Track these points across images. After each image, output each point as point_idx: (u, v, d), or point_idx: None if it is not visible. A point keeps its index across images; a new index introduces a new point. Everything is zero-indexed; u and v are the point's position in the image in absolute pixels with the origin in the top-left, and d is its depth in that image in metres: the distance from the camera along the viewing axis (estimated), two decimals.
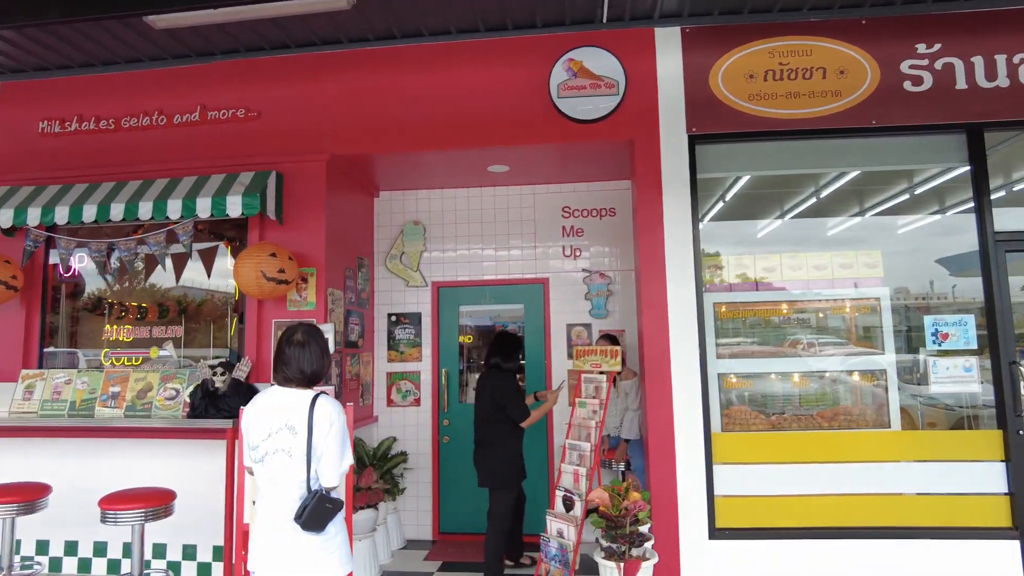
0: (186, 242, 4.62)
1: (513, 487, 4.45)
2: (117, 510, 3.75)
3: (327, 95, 4.89)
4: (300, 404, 2.56)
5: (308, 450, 2.49)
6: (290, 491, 2.52)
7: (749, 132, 4.53)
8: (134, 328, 5.35)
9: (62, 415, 4.74)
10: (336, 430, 2.56)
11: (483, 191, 5.78)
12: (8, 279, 4.81)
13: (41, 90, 5.28)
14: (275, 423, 2.55)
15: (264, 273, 4.39)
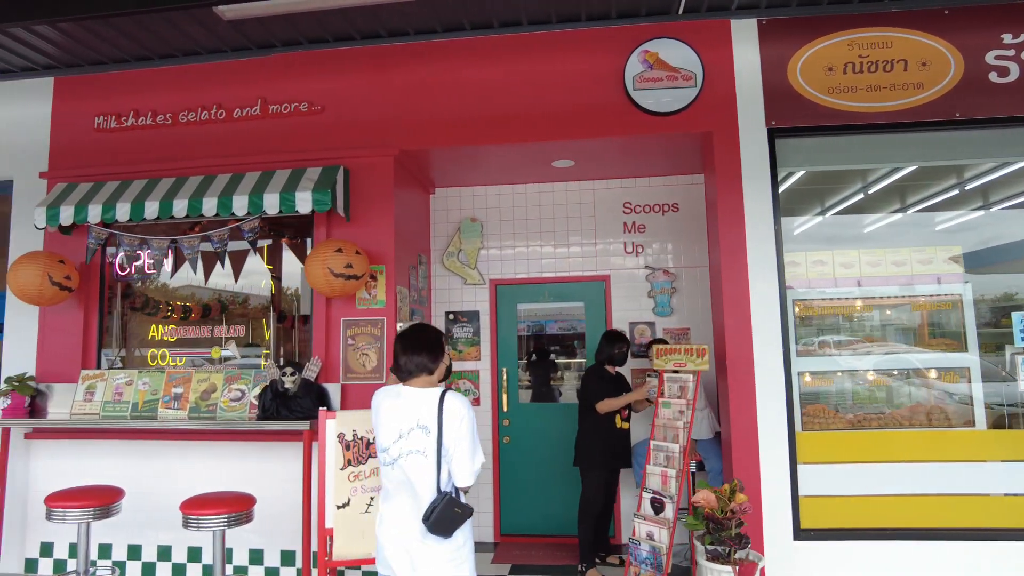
0: (252, 239, 4.50)
1: (596, 469, 4.58)
2: (200, 515, 3.64)
3: (393, 88, 4.78)
4: (429, 402, 2.50)
5: (439, 449, 2.43)
6: (425, 494, 2.45)
7: (829, 126, 4.44)
8: (180, 327, 5.25)
9: (124, 416, 4.63)
10: (466, 426, 2.48)
11: (541, 187, 5.67)
12: (62, 280, 4.69)
13: (96, 84, 5.15)
14: (405, 424, 2.50)
15: (331, 269, 4.28)
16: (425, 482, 2.44)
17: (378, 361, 4.56)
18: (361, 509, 3.84)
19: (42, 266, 4.62)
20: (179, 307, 5.43)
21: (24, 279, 4.60)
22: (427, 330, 2.71)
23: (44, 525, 4.76)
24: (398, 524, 2.52)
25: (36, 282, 4.60)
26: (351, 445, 3.93)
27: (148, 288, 5.36)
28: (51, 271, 4.62)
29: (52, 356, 4.96)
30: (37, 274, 4.60)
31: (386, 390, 2.68)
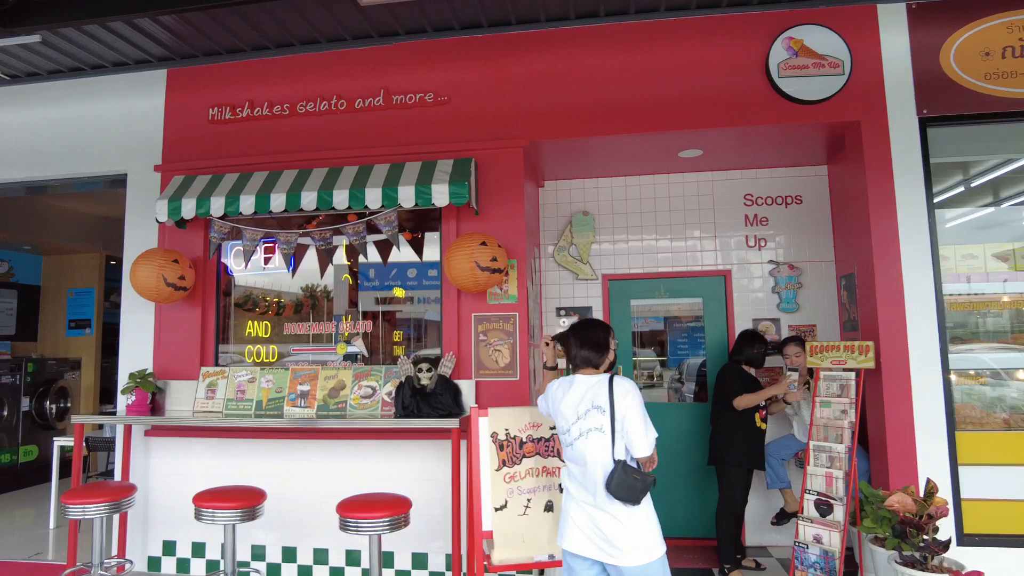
0: (390, 232, 4.38)
1: (734, 468, 4.45)
2: (358, 518, 3.50)
3: (520, 78, 4.64)
4: (600, 384, 2.74)
5: (612, 423, 2.64)
6: (605, 465, 2.63)
7: (986, 114, 4.25)
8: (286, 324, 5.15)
9: (248, 415, 4.53)
10: (635, 401, 2.67)
11: (656, 179, 5.51)
12: (176, 281, 4.58)
13: (210, 76, 5.05)
14: (582, 405, 2.74)
15: (478, 263, 4.15)
16: (603, 455, 2.63)
17: (511, 357, 4.42)
18: (519, 512, 3.70)
19: (157, 267, 4.52)
20: (275, 304, 5.33)
21: (141, 279, 4.52)
22: (598, 327, 2.93)
23: (165, 524, 4.69)
24: (586, 498, 2.69)
25: (152, 283, 4.51)
26: (504, 445, 3.79)
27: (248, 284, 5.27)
28: (165, 272, 4.52)
29: (169, 353, 4.87)
30: (152, 275, 4.51)
31: (559, 381, 2.94)
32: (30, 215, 7.58)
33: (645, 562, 2.55)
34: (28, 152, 5.33)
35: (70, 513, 3.89)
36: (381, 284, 5.17)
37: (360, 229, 4.44)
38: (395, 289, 5.07)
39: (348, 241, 4.49)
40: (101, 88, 5.26)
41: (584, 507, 2.69)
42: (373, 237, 4.81)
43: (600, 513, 2.63)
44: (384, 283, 5.13)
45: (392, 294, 5.07)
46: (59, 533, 5.75)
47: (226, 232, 4.61)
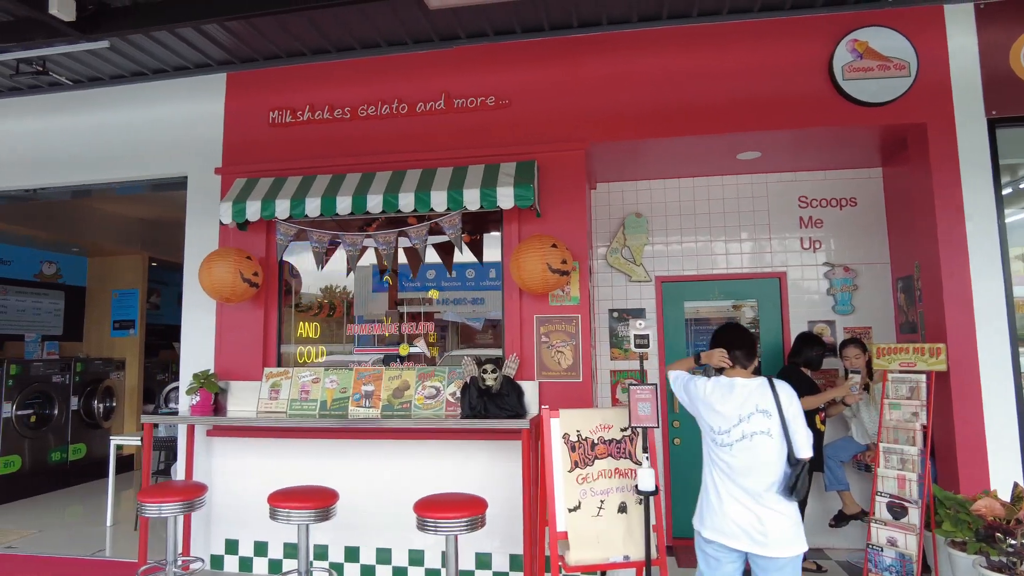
0: (454, 235, 4.41)
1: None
2: (437, 518, 3.53)
3: (583, 81, 4.66)
4: (762, 388, 2.87)
5: (783, 427, 2.77)
6: (771, 467, 2.75)
7: None
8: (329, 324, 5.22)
9: (313, 415, 4.57)
10: (796, 407, 2.83)
11: (710, 180, 5.51)
12: (251, 276, 4.65)
13: (269, 79, 5.11)
14: (745, 409, 2.84)
15: (549, 265, 4.17)
16: (771, 458, 2.75)
17: (574, 359, 4.44)
18: (592, 513, 3.72)
19: (233, 263, 4.58)
20: (325, 305, 5.40)
21: (217, 276, 4.56)
22: (747, 332, 3.12)
23: (227, 522, 4.74)
24: (743, 496, 2.79)
25: (229, 279, 4.56)
26: (576, 446, 3.81)
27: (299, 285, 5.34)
28: (242, 268, 4.59)
29: (230, 354, 4.92)
30: (229, 271, 4.56)
31: (715, 381, 3.01)
32: (76, 218, 7.69)
33: (799, 552, 2.73)
34: (90, 156, 5.41)
35: (146, 511, 3.95)
36: (423, 285, 5.23)
37: (423, 232, 4.48)
38: (431, 291, 5.13)
39: (412, 243, 4.52)
40: (161, 92, 5.34)
41: (743, 503, 2.79)
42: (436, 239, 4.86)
43: (764, 510, 2.74)
44: (425, 284, 5.20)
45: (441, 296, 5.13)
46: (116, 530, 5.83)
47: (292, 234, 4.66)
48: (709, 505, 2.89)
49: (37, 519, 6.21)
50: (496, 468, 4.34)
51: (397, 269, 5.34)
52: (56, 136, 5.53)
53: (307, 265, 5.19)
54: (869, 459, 4.69)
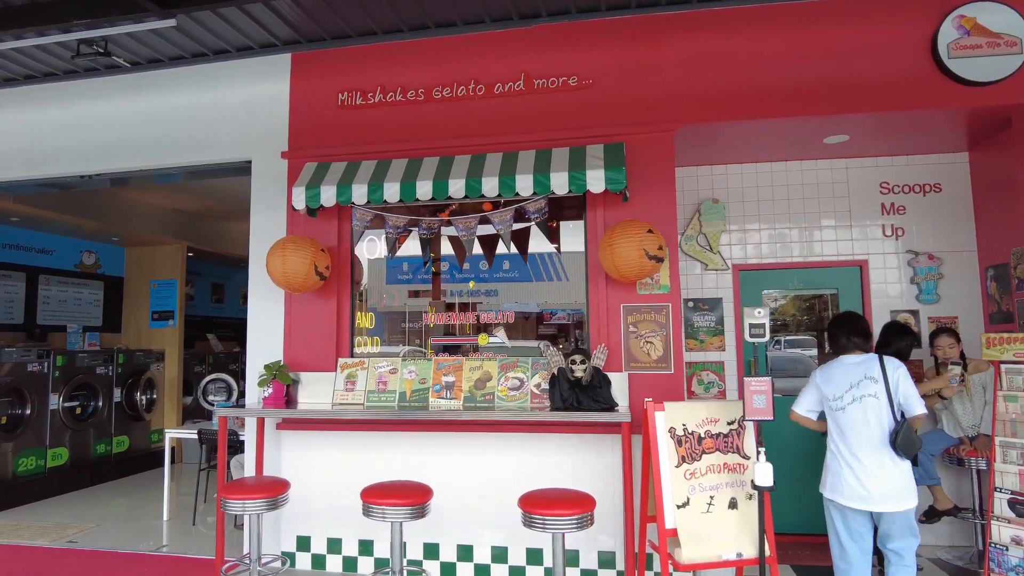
0: (540, 220, 4.24)
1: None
2: (544, 515, 3.38)
3: (670, 61, 4.48)
4: (870, 361, 3.42)
5: (888, 390, 3.29)
6: (881, 424, 3.27)
7: None
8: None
9: (392, 406, 4.42)
10: (903, 372, 3.35)
11: (787, 165, 5.34)
12: (323, 270, 4.49)
13: (337, 60, 4.93)
14: (854, 377, 3.40)
15: (646, 251, 4.00)
16: (880, 417, 3.27)
17: (664, 350, 4.28)
18: (702, 509, 3.58)
19: (310, 255, 4.42)
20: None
21: (292, 267, 4.40)
22: (861, 319, 3.59)
23: (298, 518, 4.60)
24: (859, 454, 3.29)
25: (303, 271, 4.40)
26: (683, 440, 3.67)
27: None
28: (317, 261, 4.43)
29: (300, 344, 4.77)
30: (305, 263, 4.40)
31: (826, 365, 3.58)
32: (115, 207, 7.53)
33: (907, 507, 3.21)
34: (149, 140, 5.25)
35: (229, 508, 3.81)
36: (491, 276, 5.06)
37: (507, 217, 4.31)
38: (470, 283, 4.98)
39: (495, 229, 4.36)
40: (222, 74, 5.17)
41: (855, 463, 3.28)
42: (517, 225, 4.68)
43: (874, 467, 3.24)
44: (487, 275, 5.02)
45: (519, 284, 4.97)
46: (173, 525, 5.69)
47: (368, 220, 4.49)
48: (828, 469, 3.45)
49: (91, 513, 6.08)
50: (588, 462, 4.20)
51: (440, 258, 5.19)
52: (113, 121, 5.36)
53: (364, 253, 5.05)
54: (963, 452, 4.54)
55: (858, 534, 3.37)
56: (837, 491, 3.34)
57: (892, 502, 3.19)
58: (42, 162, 5.50)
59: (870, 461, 3.23)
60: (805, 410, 3.57)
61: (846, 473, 3.30)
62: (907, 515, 3.25)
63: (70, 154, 5.44)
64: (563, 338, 4.93)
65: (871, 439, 3.24)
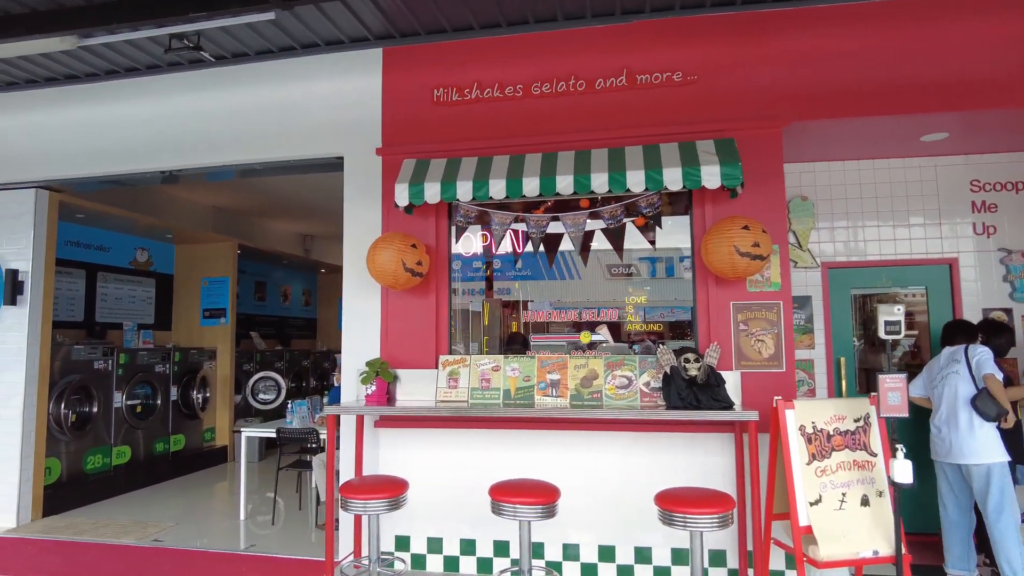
0: (652, 214, 4.22)
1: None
2: (685, 513, 3.36)
3: (773, 58, 4.45)
4: (959, 349, 4.28)
5: (968, 367, 4.15)
6: (963, 394, 4.11)
7: None
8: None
9: (497, 403, 4.38)
10: (982, 353, 4.13)
11: (875, 163, 5.32)
12: (414, 266, 4.43)
13: (431, 55, 4.88)
14: (945, 361, 4.32)
15: (737, 248, 3.98)
16: (961, 387, 4.13)
17: (775, 348, 4.26)
18: (834, 507, 3.56)
19: (397, 251, 4.37)
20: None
21: (380, 264, 4.38)
22: (965, 323, 4.44)
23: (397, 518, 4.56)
24: (948, 418, 4.17)
25: (390, 268, 4.37)
26: (812, 438, 3.65)
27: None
28: (405, 257, 4.38)
29: (398, 341, 4.72)
30: (392, 259, 4.36)
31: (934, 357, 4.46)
32: (162, 204, 7.46)
33: (991, 461, 3.96)
34: (237, 135, 5.19)
35: (351, 507, 3.77)
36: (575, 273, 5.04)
37: (617, 212, 4.28)
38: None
39: (605, 225, 4.33)
40: (311, 69, 5.12)
41: (942, 428, 4.20)
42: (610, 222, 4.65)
43: (958, 427, 4.09)
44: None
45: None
46: (250, 524, 5.64)
47: (472, 216, 4.45)
48: (931, 437, 4.32)
49: (165, 512, 6.02)
50: (703, 461, 4.19)
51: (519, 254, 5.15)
52: (196, 116, 5.30)
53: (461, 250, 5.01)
54: None
55: (957, 486, 4.18)
56: (935, 451, 4.24)
57: (974, 456, 3.97)
58: (121, 158, 5.45)
59: (955, 423, 4.08)
60: (915, 393, 4.44)
61: (941, 435, 4.18)
62: (990, 470, 3.94)
63: (149, 150, 5.39)
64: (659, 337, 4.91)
65: (955, 405, 4.10)
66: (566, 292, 5.11)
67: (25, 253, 5.73)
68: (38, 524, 5.56)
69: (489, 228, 4.71)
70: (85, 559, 4.72)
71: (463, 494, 4.49)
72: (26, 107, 5.77)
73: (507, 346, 5.17)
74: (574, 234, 4.37)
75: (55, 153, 5.65)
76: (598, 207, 4.58)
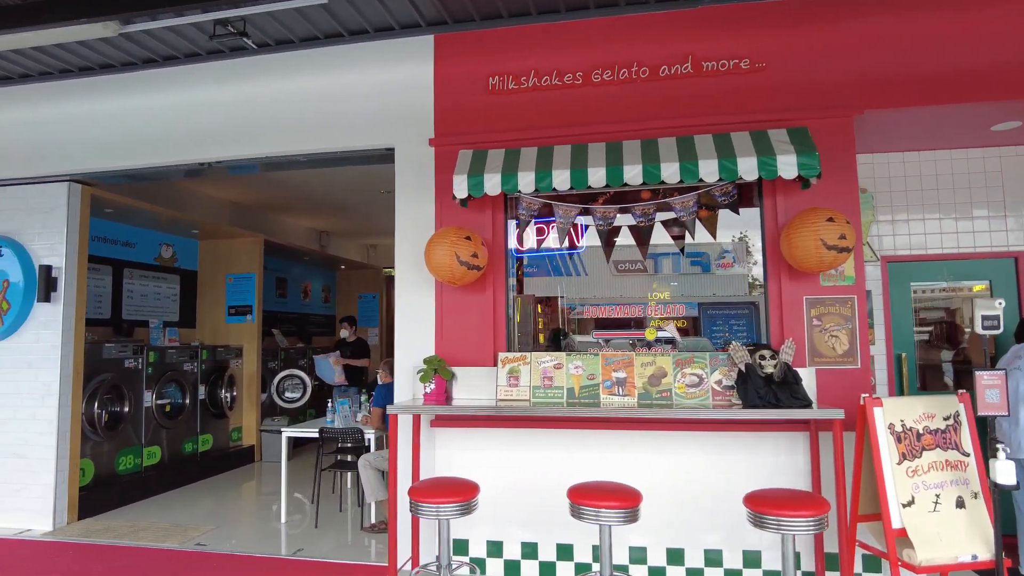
0: (727, 204, 4.08)
1: None
2: (777, 515, 3.22)
3: (844, 44, 4.30)
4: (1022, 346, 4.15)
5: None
6: (1022, 392, 4.01)
7: None
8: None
9: (560, 402, 4.23)
10: None
11: (937, 155, 5.18)
12: (469, 259, 4.28)
13: (486, 41, 4.72)
14: (1013, 357, 4.15)
15: (824, 241, 3.85)
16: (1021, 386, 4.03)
17: (850, 344, 4.13)
18: (928, 508, 3.43)
19: (449, 245, 4.23)
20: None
21: (435, 259, 4.25)
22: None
23: (455, 521, 4.41)
24: (1016, 415, 4.04)
25: (446, 262, 4.22)
26: (902, 437, 3.52)
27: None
28: (458, 250, 4.23)
29: (453, 338, 4.57)
30: (446, 253, 4.22)
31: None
32: (185, 198, 7.29)
33: None
34: (280, 126, 5.02)
35: (422, 512, 3.61)
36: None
37: (690, 203, 4.14)
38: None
39: (677, 216, 4.18)
40: (357, 57, 4.96)
41: (1013, 424, 4.06)
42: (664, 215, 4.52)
43: (1016, 426, 4.03)
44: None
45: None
46: (292, 526, 5.47)
47: (535, 209, 4.29)
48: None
49: (201, 514, 5.85)
50: (780, 461, 4.06)
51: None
52: (239, 106, 5.13)
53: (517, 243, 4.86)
54: None
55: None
56: (1012, 449, 4.05)
57: None
58: (158, 150, 5.27)
59: (1016, 419, 4.02)
60: None
61: (1013, 432, 4.07)
62: None
63: (185, 141, 5.22)
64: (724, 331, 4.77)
65: (1016, 402, 4.01)
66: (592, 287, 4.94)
67: (58, 249, 5.55)
68: (75, 527, 5.39)
69: (546, 222, 4.57)
70: (128, 564, 4.55)
71: (524, 495, 4.35)
72: (58, 98, 5.58)
73: (551, 342, 5.02)
74: (644, 224, 4.22)
75: (88, 145, 5.47)
76: (658, 199, 4.44)
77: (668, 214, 4.26)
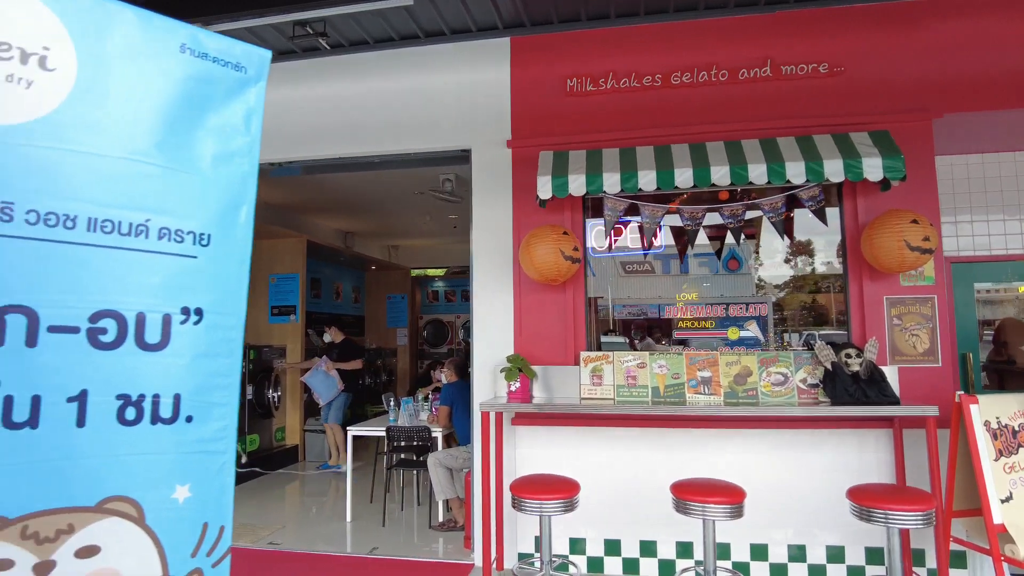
0: (815, 207, 4.14)
1: None
2: (887, 509, 3.29)
3: (922, 48, 4.38)
4: None
5: None
6: None
7: None
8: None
9: (645, 401, 4.29)
10: None
11: (1000, 157, 5.26)
12: (572, 252, 4.34)
13: (562, 44, 4.77)
14: None
15: (907, 242, 3.93)
16: None
17: (930, 343, 4.20)
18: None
19: (553, 242, 4.29)
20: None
21: (540, 258, 4.28)
22: None
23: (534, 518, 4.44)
24: None
25: (552, 259, 4.27)
26: (998, 434, 3.59)
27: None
28: (562, 246, 4.29)
29: (532, 337, 4.62)
30: (551, 251, 4.27)
31: None
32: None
33: None
34: (354, 127, 5.05)
35: (525, 508, 3.66)
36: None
37: (779, 204, 4.20)
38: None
39: (765, 216, 4.24)
40: (433, 59, 4.98)
41: None
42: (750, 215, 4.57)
43: None
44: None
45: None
46: (359, 526, 5.49)
47: (621, 209, 4.35)
48: None
49: (265, 514, 5.86)
50: (867, 458, 4.13)
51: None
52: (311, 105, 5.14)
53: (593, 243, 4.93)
54: None
55: None
56: None
57: None
58: None
59: None
60: None
61: None
62: None
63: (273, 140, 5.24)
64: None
65: None
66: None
67: None
68: None
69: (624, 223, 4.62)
70: None
71: (609, 493, 4.40)
72: None
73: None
74: (733, 226, 4.28)
75: None
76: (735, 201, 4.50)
77: (755, 213, 4.30)
